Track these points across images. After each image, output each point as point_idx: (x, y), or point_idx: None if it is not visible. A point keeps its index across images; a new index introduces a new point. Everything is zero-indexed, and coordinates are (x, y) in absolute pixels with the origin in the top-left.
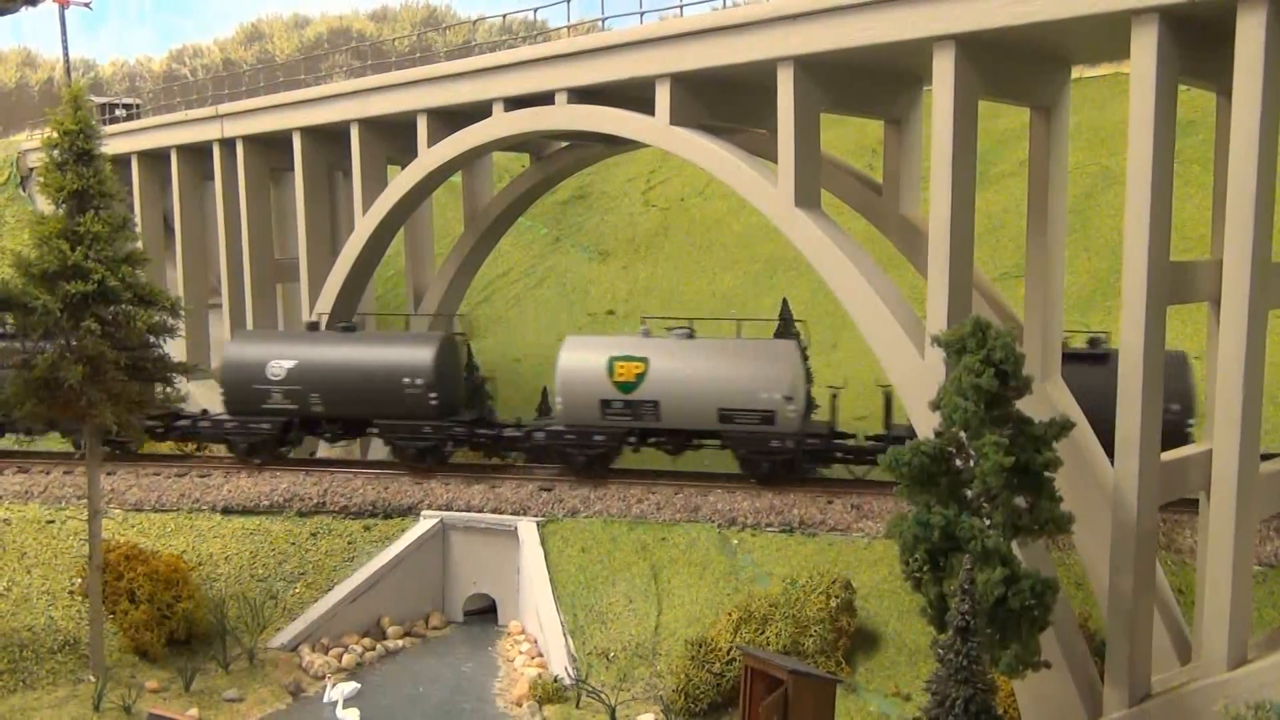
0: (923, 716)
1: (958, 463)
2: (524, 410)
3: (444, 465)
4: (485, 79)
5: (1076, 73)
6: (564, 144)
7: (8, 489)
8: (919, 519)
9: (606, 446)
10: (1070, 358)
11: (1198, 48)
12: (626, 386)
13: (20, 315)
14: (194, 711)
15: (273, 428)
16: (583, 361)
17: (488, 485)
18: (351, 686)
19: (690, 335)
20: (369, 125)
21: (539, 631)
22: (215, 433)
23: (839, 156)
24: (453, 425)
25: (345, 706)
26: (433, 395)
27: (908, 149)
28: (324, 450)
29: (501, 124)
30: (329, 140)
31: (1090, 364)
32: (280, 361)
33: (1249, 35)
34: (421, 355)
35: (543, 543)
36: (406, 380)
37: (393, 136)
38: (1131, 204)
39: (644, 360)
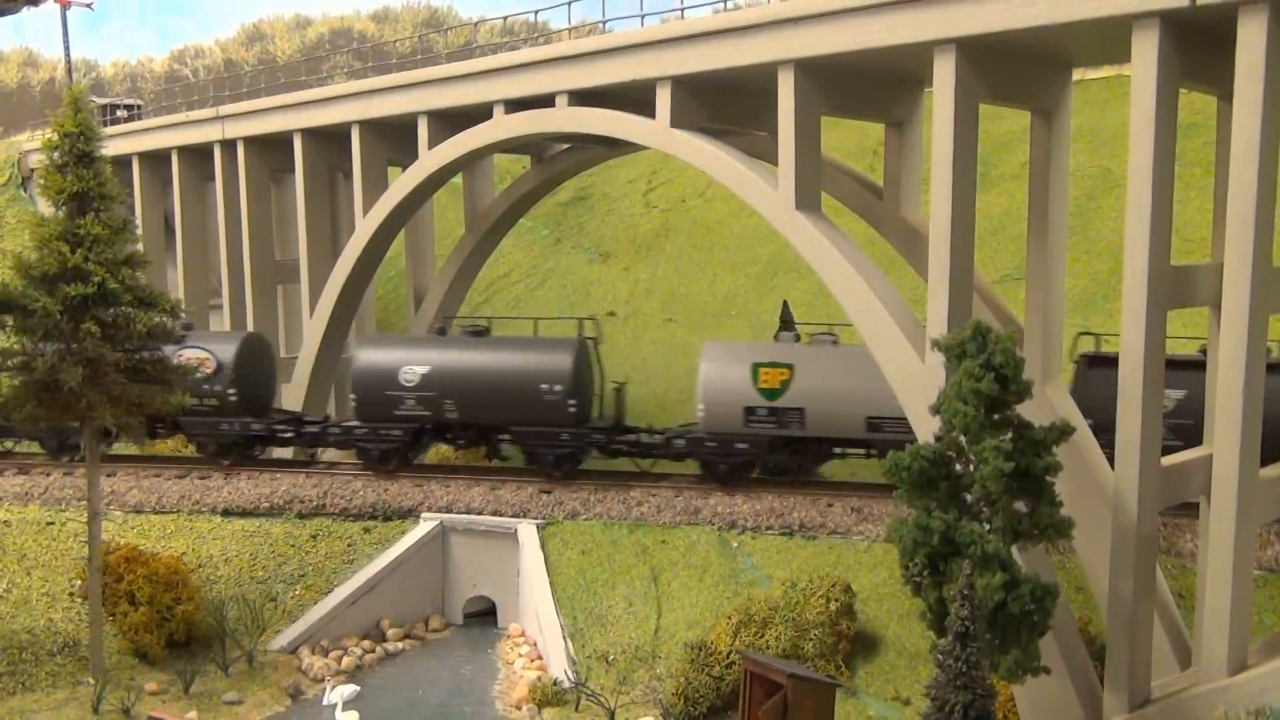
0: None
1: (958, 467)
2: None
3: (576, 474)
4: (486, 81)
5: (1077, 75)
6: (565, 146)
7: (8, 491)
8: (919, 523)
9: (749, 455)
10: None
11: (1199, 52)
12: (771, 393)
13: (20, 317)
14: (193, 714)
15: (405, 434)
16: (725, 368)
17: (488, 487)
18: (351, 689)
19: (835, 341)
20: (370, 127)
21: (539, 634)
22: (345, 439)
23: (839, 159)
24: (590, 432)
25: (345, 709)
26: (571, 402)
27: (908, 151)
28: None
29: (502, 126)
30: (330, 141)
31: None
32: (414, 367)
33: (1250, 40)
34: (560, 361)
35: (543, 545)
36: (545, 386)
37: (394, 138)
38: (1132, 208)
39: (789, 366)
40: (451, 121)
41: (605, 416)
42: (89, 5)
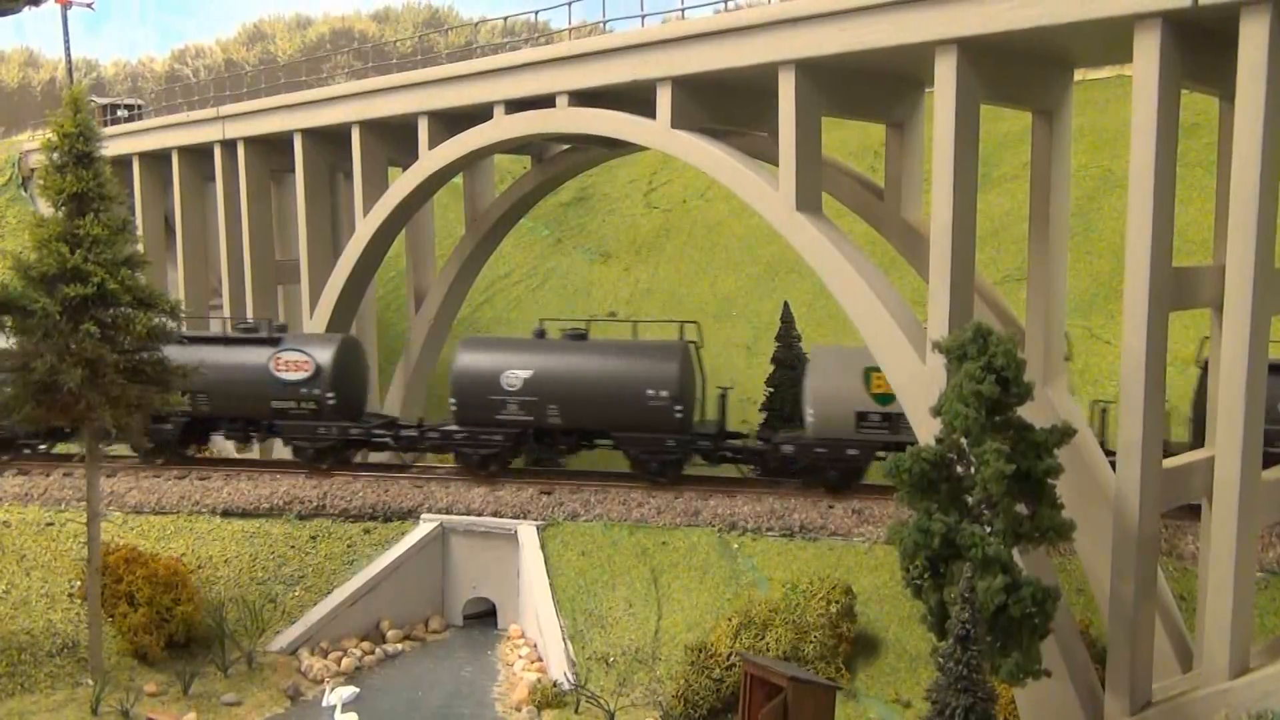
0: None
1: (959, 469)
2: None
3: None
4: (487, 81)
5: (1079, 75)
6: (565, 146)
7: (8, 491)
8: (919, 525)
9: (860, 460)
10: None
11: (1201, 52)
12: (884, 399)
13: (20, 318)
14: (192, 715)
15: (506, 439)
16: (836, 373)
17: (488, 488)
18: (350, 690)
19: None
20: (370, 127)
21: (538, 635)
22: (444, 444)
23: (840, 159)
24: (696, 438)
25: (344, 710)
26: (678, 408)
27: (909, 152)
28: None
29: (503, 126)
30: (330, 142)
31: None
32: (516, 371)
33: (1252, 40)
34: (666, 367)
35: (542, 546)
36: (650, 392)
37: (394, 138)
38: (1134, 209)
39: None
40: (452, 122)
41: (708, 422)
42: (89, 5)
